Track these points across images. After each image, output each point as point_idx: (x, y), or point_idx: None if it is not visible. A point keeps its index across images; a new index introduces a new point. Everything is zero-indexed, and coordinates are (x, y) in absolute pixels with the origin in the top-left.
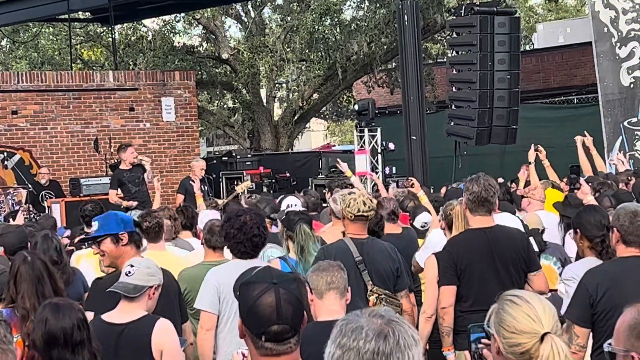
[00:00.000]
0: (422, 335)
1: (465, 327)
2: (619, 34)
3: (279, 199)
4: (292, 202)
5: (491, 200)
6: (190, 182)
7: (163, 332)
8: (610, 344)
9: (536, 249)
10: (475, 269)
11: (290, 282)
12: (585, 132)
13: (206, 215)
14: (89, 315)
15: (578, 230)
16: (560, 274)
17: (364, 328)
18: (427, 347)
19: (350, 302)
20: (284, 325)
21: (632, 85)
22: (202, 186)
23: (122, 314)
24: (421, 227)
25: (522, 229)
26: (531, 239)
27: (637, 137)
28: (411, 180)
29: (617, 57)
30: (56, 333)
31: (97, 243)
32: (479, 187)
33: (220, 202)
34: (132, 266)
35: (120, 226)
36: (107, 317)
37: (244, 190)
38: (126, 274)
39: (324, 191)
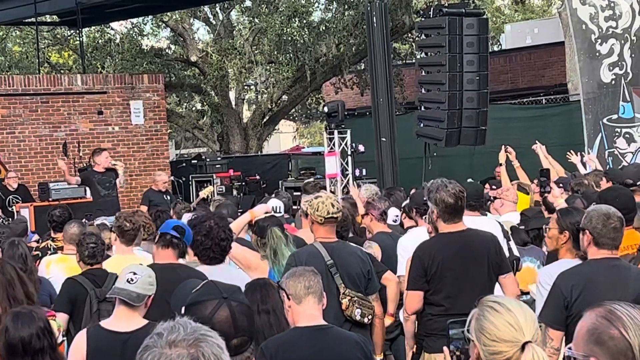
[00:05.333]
0: (407, 334)
1: (436, 330)
2: (599, 30)
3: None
4: (276, 205)
5: (464, 207)
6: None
7: None
8: (570, 348)
9: (515, 250)
10: (447, 273)
11: (238, 293)
12: (537, 141)
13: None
14: (61, 316)
15: (567, 232)
16: None
17: None
18: (415, 349)
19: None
20: (242, 337)
21: (613, 82)
22: (165, 197)
23: (123, 321)
24: (393, 221)
25: (501, 232)
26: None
27: (617, 134)
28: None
29: (597, 54)
30: (14, 342)
31: None
32: (452, 198)
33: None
34: (134, 274)
35: None
36: (108, 324)
37: (208, 195)
38: (128, 281)
39: (296, 193)
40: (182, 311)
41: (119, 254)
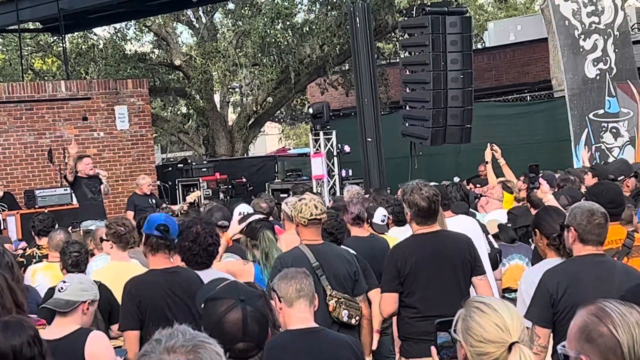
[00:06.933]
0: (395, 336)
1: (413, 334)
2: (583, 26)
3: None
4: (244, 210)
5: (438, 210)
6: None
7: (96, 344)
8: (564, 345)
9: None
10: (420, 275)
11: (257, 298)
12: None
13: None
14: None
15: (537, 230)
16: None
17: None
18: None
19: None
20: (250, 343)
21: (597, 77)
22: (150, 200)
23: (56, 330)
24: (381, 221)
25: (480, 229)
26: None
27: (603, 128)
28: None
29: (581, 50)
30: (6, 351)
31: None
32: (425, 201)
33: (175, 207)
34: (64, 282)
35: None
36: (43, 334)
37: (196, 199)
38: (59, 290)
39: (283, 195)
40: (202, 306)
41: (115, 261)
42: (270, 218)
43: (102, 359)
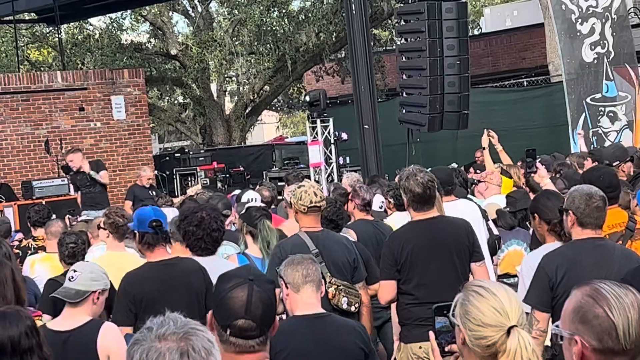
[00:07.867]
0: (395, 323)
1: (410, 319)
2: (579, 10)
3: (238, 193)
4: (252, 197)
5: (435, 195)
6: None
7: (108, 336)
8: (557, 325)
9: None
10: (417, 262)
11: (267, 282)
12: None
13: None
14: (46, 317)
15: (536, 215)
16: None
17: (165, 355)
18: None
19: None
20: (250, 321)
21: (595, 61)
22: (150, 192)
23: (67, 320)
24: (379, 208)
25: (480, 215)
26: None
27: (601, 112)
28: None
29: (578, 34)
30: (3, 342)
31: None
32: (420, 187)
33: (176, 200)
34: (75, 271)
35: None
36: (52, 324)
37: (196, 192)
38: (69, 279)
39: (280, 183)
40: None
41: (111, 251)
42: (272, 206)
43: (115, 351)
